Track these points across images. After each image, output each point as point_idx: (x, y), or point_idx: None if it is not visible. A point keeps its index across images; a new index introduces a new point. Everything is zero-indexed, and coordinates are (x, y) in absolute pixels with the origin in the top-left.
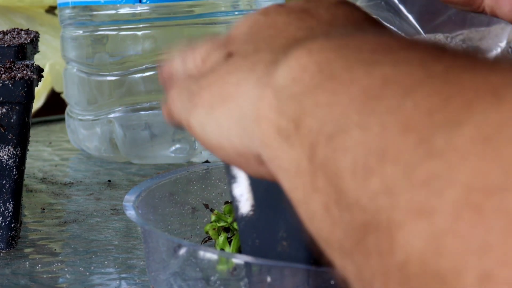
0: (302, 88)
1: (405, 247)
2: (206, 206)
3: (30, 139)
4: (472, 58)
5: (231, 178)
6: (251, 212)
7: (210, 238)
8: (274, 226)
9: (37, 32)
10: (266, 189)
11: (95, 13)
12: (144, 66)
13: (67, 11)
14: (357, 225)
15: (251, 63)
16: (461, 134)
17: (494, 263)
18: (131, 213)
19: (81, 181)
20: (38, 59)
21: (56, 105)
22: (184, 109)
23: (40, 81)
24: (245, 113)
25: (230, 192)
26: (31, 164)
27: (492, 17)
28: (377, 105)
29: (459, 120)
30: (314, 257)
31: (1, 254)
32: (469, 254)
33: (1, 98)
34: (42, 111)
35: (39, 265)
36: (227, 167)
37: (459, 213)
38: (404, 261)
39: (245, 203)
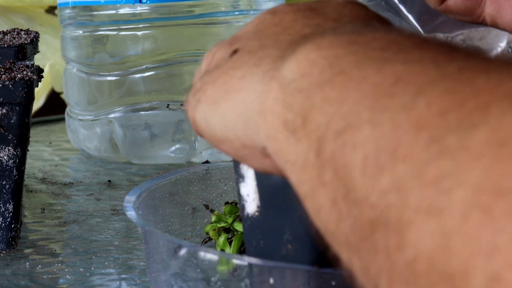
0: (310, 83)
1: (414, 246)
2: (206, 206)
3: (30, 139)
4: (485, 60)
5: (239, 177)
6: (257, 213)
7: (210, 239)
8: (279, 229)
9: (37, 32)
10: (274, 192)
11: (95, 13)
12: (144, 66)
13: (67, 11)
14: (365, 221)
15: (256, 58)
16: (474, 135)
17: (502, 265)
18: (131, 214)
19: (81, 181)
20: (38, 59)
21: (56, 105)
22: (190, 106)
23: (40, 82)
24: (249, 106)
25: (237, 191)
26: (31, 164)
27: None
28: (389, 103)
29: (473, 122)
30: (318, 262)
31: (1, 254)
32: (477, 255)
33: (1, 99)
34: (42, 111)
35: (39, 266)
36: (235, 166)
37: (467, 213)
38: (413, 259)
39: (251, 203)
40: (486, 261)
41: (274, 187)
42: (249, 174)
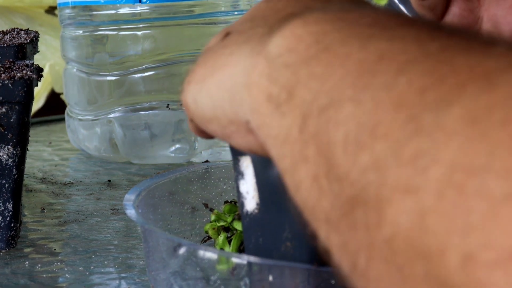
0: (296, 58)
1: (392, 223)
2: (206, 205)
3: (30, 139)
4: (467, 39)
5: (238, 175)
6: (256, 210)
7: (209, 238)
8: (279, 226)
9: (37, 32)
10: (273, 189)
11: (95, 13)
12: (144, 66)
13: (67, 11)
14: (345, 198)
15: (245, 37)
16: (449, 113)
17: (476, 244)
18: (131, 212)
19: (81, 181)
20: (37, 60)
21: (56, 105)
22: (183, 90)
23: (40, 81)
24: (236, 81)
25: (237, 188)
26: (31, 164)
27: None
28: (371, 80)
29: (449, 100)
30: (317, 259)
31: (1, 253)
32: (453, 234)
33: (1, 98)
34: (42, 111)
35: (39, 265)
36: (235, 163)
37: (442, 192)
38: (391, 236)
39: (250, 200)
40: (461, 240)
41: (274, 185)
42: (248, 171)
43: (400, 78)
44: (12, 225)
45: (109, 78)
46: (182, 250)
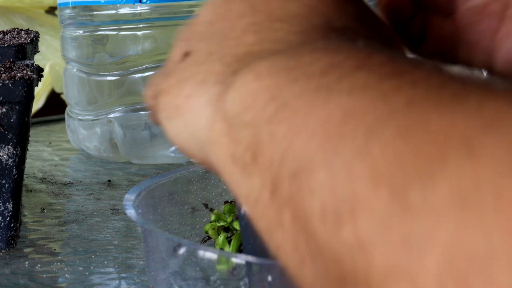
0: (255, 117)
1: None
2: (206, 205)
3: (30, 139)
4: (432, 87)
5: None
6: None
7: (209, 238)
8: None
9: (37, 32)
10: None
11: (95, 13)
12: (144, 66)
13: (67, 11)
14: (332, 275)
15: (202, 73)
16: (436, 191)
17: None
18: (131, 212)
19: (81, 181)
20: (38, 60)
21: (56, 105)
22: (150, 105)
23: (40, 81)
24: (199, 131)
25: None
26: (31, 164)
27: None
28: (340, 144)
29: (432, 173)
30: None
31: (1, 253)
32: None
33: (1, 98)
34: (42, 111)
35: (39, 265)
36: None
37: (443, 281)
38: None
39: None
40: None
41: None
42: None
43: (371, 142)
44: (12, 225)
45: (109, 78)
46: (182, 250)
